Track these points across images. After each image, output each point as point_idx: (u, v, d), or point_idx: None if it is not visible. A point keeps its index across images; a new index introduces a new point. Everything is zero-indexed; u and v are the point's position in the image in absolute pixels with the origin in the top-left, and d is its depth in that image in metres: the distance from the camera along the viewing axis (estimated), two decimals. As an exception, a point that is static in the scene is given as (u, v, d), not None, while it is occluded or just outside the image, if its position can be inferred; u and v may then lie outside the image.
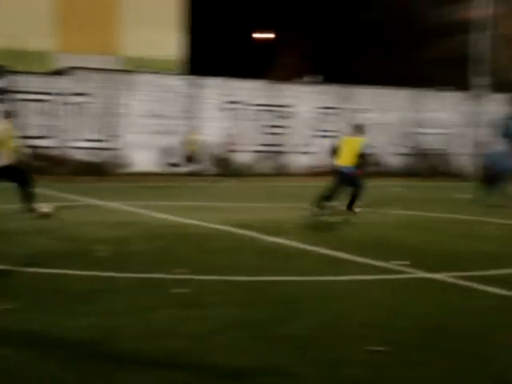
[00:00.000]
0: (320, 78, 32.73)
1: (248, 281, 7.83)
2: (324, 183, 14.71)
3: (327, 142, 29.93)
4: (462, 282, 7.85)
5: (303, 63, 49.58)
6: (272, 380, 4.79)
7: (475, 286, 7.67)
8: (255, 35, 55.54)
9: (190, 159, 26.36)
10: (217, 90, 28.96)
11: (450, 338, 5.72)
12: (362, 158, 13.97)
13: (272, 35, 55.40)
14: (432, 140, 31.42)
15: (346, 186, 14.21)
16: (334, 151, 14.47)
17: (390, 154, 31.02)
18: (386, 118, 30.94)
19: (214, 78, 29.18)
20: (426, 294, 7.30)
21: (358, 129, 14.53)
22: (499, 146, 21.98)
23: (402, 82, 33.77)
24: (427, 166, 31.02)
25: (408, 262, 8.88)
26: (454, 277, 8.11)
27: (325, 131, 30.10)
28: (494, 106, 32.44)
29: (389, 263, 8.88)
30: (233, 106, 29.15)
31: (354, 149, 13.96)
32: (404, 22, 57.07)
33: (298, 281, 7.90)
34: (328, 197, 14.08)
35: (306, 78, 32.51)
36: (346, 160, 13.99)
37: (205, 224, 12.46)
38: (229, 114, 29.16)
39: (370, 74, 43.56)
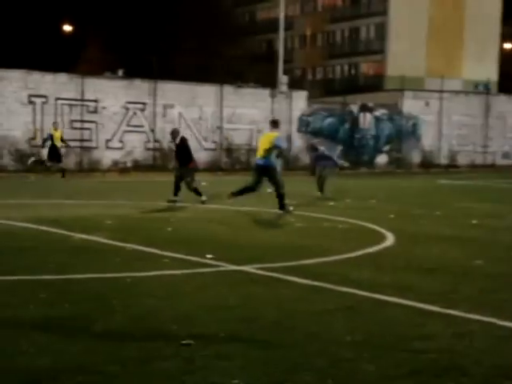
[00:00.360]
0: (121, 71, 32.37)
1: (55, 279, 7.66)
2: (133, 179, 14.63)
3: (136, 138, 29.85)
4: (267, 274, 8.15)
5: (109, 57, 48.86)
6: (75, 379, 4.70)
7: (280, 276, 7.99)
8: (63, 28, 53.93)
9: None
10: (18, 82, 27.83)
11: (255, 329, 5.93)
12: (272, 151, 14.56)
13: (77, 28, 54.07)
14: (236, 135, 32.10)
15: (263, 178, 14.79)
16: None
17: (196, 149, 31.36)
18: (193, 113, 31.23)
19: (14, 70, 28.00)
20: (234, 287, 7.51)
21: (274, 124, 15.43)
22: (322, 143, 23.64)
23: (212, 78, 34.26)
24: (232, 161, 31.70)
25: (215, 256, 9.08)
26: (260, 268, 8.40)
27: (133, 126, 29.88)
28: (295, 103, 33.72)
29: (198, 257, 9.03)
30: (37, 99, 28.14)
31: (267, 143, 14.57)
32: (212, 19, 57.83)
33: (108, 278, 7.84)
34: (250, 189, 14.86)
35: (107, 73, 32.03)
36: (260, 153, 14.70)
37: (10, 222, 12.01)
38: (32, 107, 28.11)
39: (179, 69, 43.81)
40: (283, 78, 33.04)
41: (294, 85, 39.44)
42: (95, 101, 29.07)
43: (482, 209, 16.26)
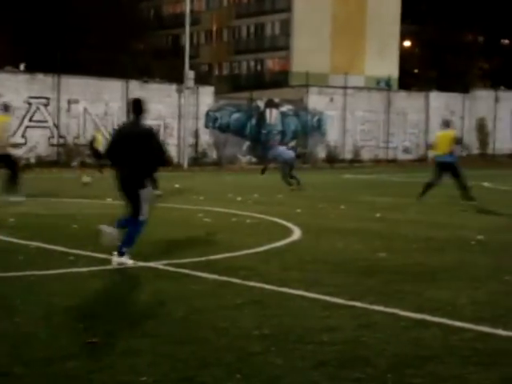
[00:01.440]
0: (23, 65, 31.52)
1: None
2: (36, 175, 14.30)
3: (39, 133, 29.15)
4: (175, 269, 8.13)
5: (11, 51, 47.51)
6: (-15, 382, 4.60)
7: (188, 272, 7.99)
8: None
9: None
10: None
11: (163, 325, 5.92)
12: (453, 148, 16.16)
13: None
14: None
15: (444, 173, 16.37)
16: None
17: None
18: (99, 108, 30.77)
19: None
20: (141, 283, 7.47)
21: (446, 123, 16.89)
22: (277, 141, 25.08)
23: (118, 73, 33.76)
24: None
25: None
26: (168, 264, 8.38)
27: (36, 121, 29.17)
28: (202, 98, 33.69)
29: (104, 254, 8.91)
30: None
31: (449, 140, 16.04)
32: (117, 13, 57.00)
33: (11, 276, 7.65)
34: (431, 185, 16.26)
35: (8, 67, 31.12)
36: (443, 151, 15.95)
37: None
38: None
39: (84, 63, 43.03)
40: (190, 74, 32.93)
41: (201, 80, 39.38)
42: (-5, 95, 28.21)
43: (385, 202, 16.69)
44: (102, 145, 26.23)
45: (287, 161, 20.12)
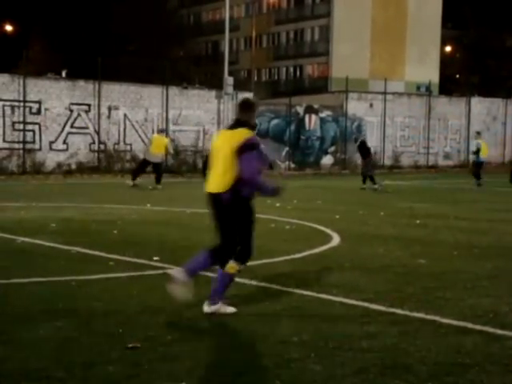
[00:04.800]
0: (64, 72, 31.93)
1: (-2, 284, 7.53)
2: (77, 181, 14.46)
3: (80, 139, 29.47)
4: (213, 275, 8.12)
5: (52, 58, 48.19)
6: (26, 385, 4.65)
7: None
8: (5, 27, 52.95)
9: None
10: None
11: (201, 331, 5.93)
12: None
13: (19, 27, 53.21)
14: (183, 137, 31.98)
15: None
16: None
17: (142, 150, 31.15)
18: (138, 115, 31.02)
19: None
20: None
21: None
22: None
23: (157, 79, 34.03)
24: (178, 163, 31.55)
25: (162, 258, 9.04)
26: (208, 270, 8.37)
27: (77, 128, 29.52)
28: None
29: (144, 260, 8.97)
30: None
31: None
32: (157, 19, 57.48)
33: (53, 281, 7.73)
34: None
35: (50, 74, 31.54)
36: None
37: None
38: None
39: (124, 70, 43.43)
40: (229, 80, 33.03)
41: (240, 86, 39.49)
42: (38, 102, 28.63)
43: (425, 209, 16.53)
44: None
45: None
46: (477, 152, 25.69)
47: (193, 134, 32.04)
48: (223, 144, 6.41)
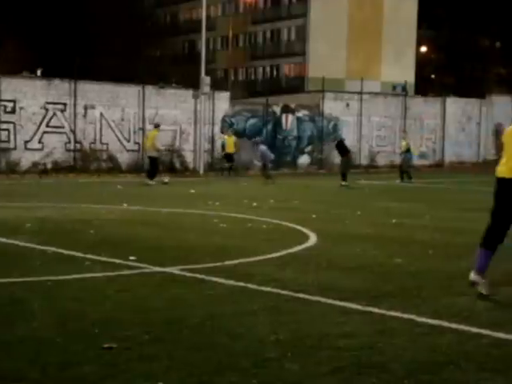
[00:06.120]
0: (40, 71, 31.73)
1: (-28, 285, 7.46)
2: (53, 180, 14.39)
3: (56, 138, 29.28)
4: (191, 275, 8.13)
5: (28, 56, 47.82)
6: (1, 386, 4.61)
7: (204, 277, 7.98)
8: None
9: None
10: None
11: (180, 330, 5.91)
12: None
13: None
14: (160, 136, 31.87)
15: None
16: None
17: (118, 150, 31.06)
18: (115, 114, 30.88)
19: None
20: (157, 288, 7.46)
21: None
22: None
23: (134, 79, 33.90)
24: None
25: (138, 258, 9.01)
26: (184, 270, 8.38)
27: (53, 127, 29.32)
28: (218, 104, 33.72)
29: (120, 260, 8.94)
30: None
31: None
32: (133, 19, 57.26)
33: (28, 281, 7.67)
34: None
35: (25, 73, 31.33)
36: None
37: None
38: None
39: (100, 69, 43.23)
40: (206, 79, 32.98)
41: (217, 86, 39.46)
42: (13, 101, 28.40)
43: (401, 208, 16.62)
44: (232, 148, 28.27)
45: (265, 160, 25.88)
46: (408, 151, 26.87)
47: (169, 133, 31.94)
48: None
